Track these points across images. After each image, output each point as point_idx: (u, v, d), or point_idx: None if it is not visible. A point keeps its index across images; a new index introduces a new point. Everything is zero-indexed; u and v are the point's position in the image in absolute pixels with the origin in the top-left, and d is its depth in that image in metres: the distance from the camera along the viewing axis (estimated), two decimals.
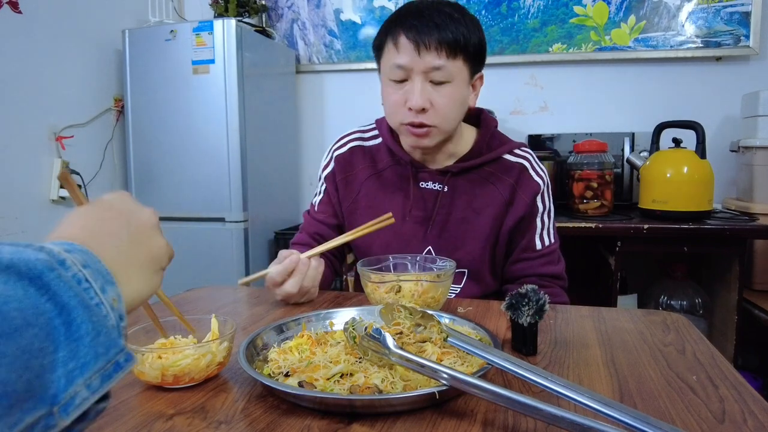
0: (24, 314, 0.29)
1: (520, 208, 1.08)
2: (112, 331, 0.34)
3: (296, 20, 2.79)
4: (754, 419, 0.53)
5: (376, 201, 1.13)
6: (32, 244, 0.33)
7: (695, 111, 2.32)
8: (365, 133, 1.19)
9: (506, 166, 1.11)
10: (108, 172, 2.51)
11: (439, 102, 0.99)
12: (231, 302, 1.00)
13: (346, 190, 1.15)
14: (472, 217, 1.09)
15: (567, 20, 2.47)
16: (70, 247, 0.36)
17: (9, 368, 0.27)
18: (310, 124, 2.87)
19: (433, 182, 1.10)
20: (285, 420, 0.53)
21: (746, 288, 1.92)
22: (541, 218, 1.10)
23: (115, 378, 0.34)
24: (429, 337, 0.64)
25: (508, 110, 2.58)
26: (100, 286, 0.35)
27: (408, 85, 0.99)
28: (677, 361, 0.68)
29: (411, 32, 0.96)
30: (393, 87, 1.01)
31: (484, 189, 1.09)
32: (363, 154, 1.17)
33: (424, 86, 0.98)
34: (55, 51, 2.22)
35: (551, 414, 0.47)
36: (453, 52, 0.97)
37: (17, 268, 0.31)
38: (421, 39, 0.95)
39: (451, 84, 0.99)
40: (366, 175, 1.14)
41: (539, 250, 1.10)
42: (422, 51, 0.96)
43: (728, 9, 2.31)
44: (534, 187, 1.09)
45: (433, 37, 0.95)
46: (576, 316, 0.87)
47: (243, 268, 2.33)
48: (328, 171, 1.18)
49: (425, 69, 0.97)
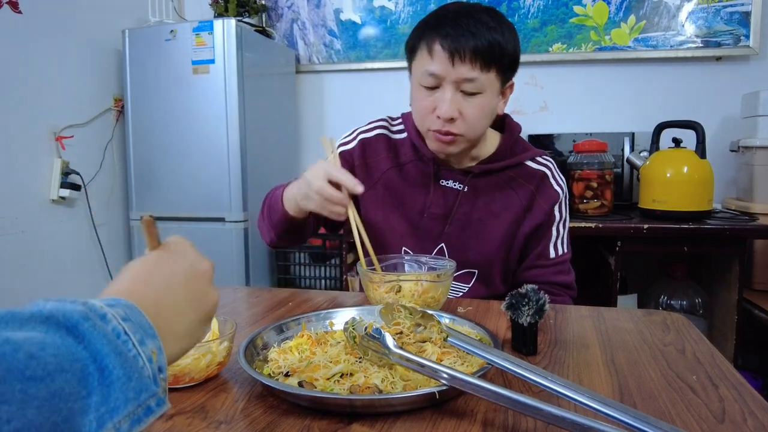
0: (59, 360, 0.31)
1: (538, 215, 1.08)
2: (146, 379, 0.35)
3: (296, 20, 2.79)
4: (753, 419, 0.53)
5: (396, 192, 1.12)
6: (77, 299, 0.35)
7: (695, 111, 2.32)
8: (393, 125, 1.19)
9: (528, 172, 1.11)
10: (108, 172, 2.51)
11: (468, 112, 0.98)
12: (231, 302, 1.00)
13: (364, 174, 1.13)
14: (490, 219, 1.08)
15: (567, 20, 2.47)
16: (114, 302, 0.37)
17: (38, 411, 0.28)
18: (310, 124, 2.87)
19: (454, 181, 1.10)
20: (285, 420, 0.53)
21: (746, 288, 1.92)
22: (557, 227, 1.11)
23: (146, 422, 0.35)
24: (429, 337, 0.64)
25: (508, 110, 2.56)
26: (139, 339, 0.36)
27: (438, 92, 0.98)
28: (677, 361, 0.68)
29: (446, 41, 0.94)
30: (423, 92, 1.00)
31: (504, 193, 1.09)
32: (388, 144, 1.16)
33: (455, 96, 0.97)
34: (55, 51, 2.22)
35: (551, 414, 0.47)
36: (487, 64, 0.95)
37: (56, 318, 0.33)
38: (456, 49, 0.93)
39: (482, 95, 0.98)
40: (388, 165, 1.13)
41: (553, 258, 1.10)
42: (456, 62, 0.94)
43: (728, 9, 2.31)
44: (553, 196, 1.10)
45: (468, 47, 0.93)
46: (576, 316, 0.87)
47: (243, 268, 2.33)
48: (347, 148, 1.16)
49: (457, 79, 0.95)
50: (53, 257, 2.24)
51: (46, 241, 2.20)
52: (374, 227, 1.12)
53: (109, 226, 2.52)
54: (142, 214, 0.60)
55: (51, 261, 2.23)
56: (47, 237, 2.21)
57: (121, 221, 2.59)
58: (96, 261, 2.45)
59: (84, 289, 2.40)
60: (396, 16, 2.61)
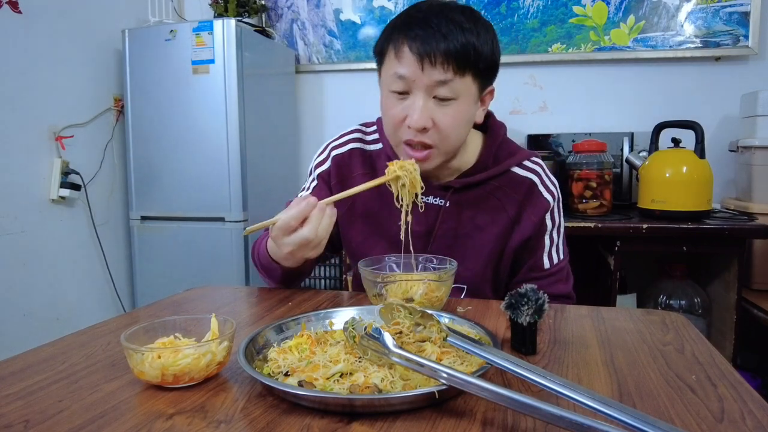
0: None
1: (527, 228, 1.02)
2: None
3: (296, 20, 2.79)
4: (752, 418, 0.53)
5: (374, 211, 1.06)
6: None
7: (694, 111, 2.33)
8: (367, 134, 1.12)
9: (514, 180, 1.04)
10: (108, 172, 2.51)
11: (442, 121, 0.91)
12: (231, 302, 1.00)
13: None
14: (475, 233, 1.03)
15: (566, 20, 2.47)
16: None
17: None
18: (310, 124, 2.87)
19: (434, 197, 1.03)
20: (285, 419, 0.53)
21: (745, 287, 1.93)
22: (549, 236, 1.04)
23: None
24: (428, 336, 0.65)
25: (507, 110, 2.58)
26: None
27: (409, 99, 0.91)
28: (676, 360, 0.68)
29: (415, 43, 0.87)
30: (393, 99, 0.93)
31: (489, 204, 1.03)
32: (362, 158, 1.10)
33: (427, 103, 0.90)
34: (55, 51, 2.22)
35: (550, 413, 0.47)
36: (461, 67, 0.88)
37: None
38: (426, 52, 0.86)
39: (457, 101, 0.90)
40: (364, 183, 1.01)
41: (547, 269, 1.04)
42: (426, 65, 0.87)
43: (727, 9, 2.32)
44: (543, 205, 1.03)
45: (439, 50, 0.86)
46: (575, 315, 0.87)
47: (243, 267, 2.33)
48: (323, 169, 1.12)
49: (429, 84, 0.88)
50: (53, 257, 2.24)
51: (46, 240, 2.20)
52: (354, 248, 1.08)
53: (109, 226, 2.52)
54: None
55: (51, 261, 2.23)
56: (47, 237, 2.21)
57: (121, 221, 2.59)
58: (96, 261, 2.45)
59: (84, 289, 2.40)
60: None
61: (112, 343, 0.75)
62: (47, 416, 0.54)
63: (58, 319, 2.25)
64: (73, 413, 0.55)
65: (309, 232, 0.85)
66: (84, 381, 0.63)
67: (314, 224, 0.85)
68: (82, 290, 2.39)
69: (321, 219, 0.86)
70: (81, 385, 0.61)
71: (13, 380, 0.63)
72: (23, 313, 2.11)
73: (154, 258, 2.43)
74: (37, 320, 2.16)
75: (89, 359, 0.69)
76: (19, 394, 0.59)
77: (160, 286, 2.41)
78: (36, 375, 0.64)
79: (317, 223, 0.85)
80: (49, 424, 0.53)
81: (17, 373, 0.65)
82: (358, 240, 1.08)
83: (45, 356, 0.70)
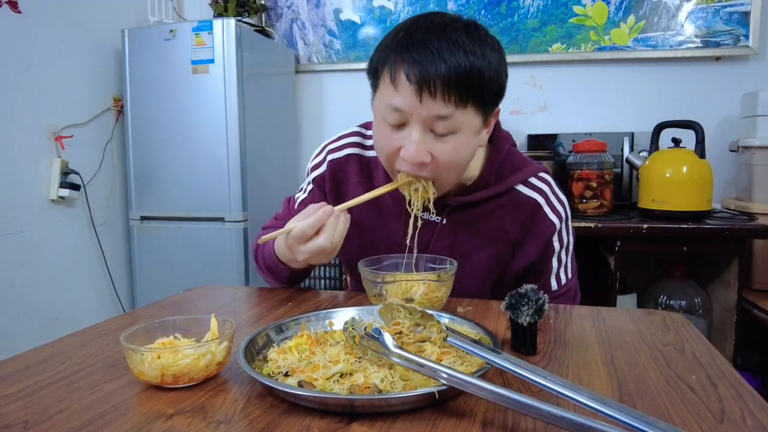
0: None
1: (531, 253, 0.97)
2: None
3: (296, 20, 2.79)
4: (753, 418, 0.53)
5: (368, 222, 1.02)
6: None
7: (694, 111, 2.32)
8: (366, 138, 1.06)
9: (518, 199, 0.97)
10: (108, 172, 2.51)
11: (441, 155, 0.83)
12: (230, 302, 1.00)
13: (335, 202, 0.98)
14: (473, 252, 0.97)
15: (566, 20, 2.47)
16: None
17: None
18: (310, 123, 2.87)
19: (431, 212, 0.97)
20: (285, 420, 0.53)
21: (745, 288, 1.93)
22: (558, 257, 0.99)
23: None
24: (428, 336, 0.64)
25: (507, 110, 2.58)
26: None
27: (405, 130, 0.83)
28: (676, 360, 0.68)
29: (413, 68, 0.78)
30: (387, 129, 0.85)
31: (489, 224, 0.97)
32: (359, 165, 1.04)
33: (424, 137, 0.82)
34: (55, 51, 2.22)
35: (550, 413, 0.47)
36: (462, 99, 0.79)
37: None
38: (425, 80, 0.77)
39: (457, 135, 0.82)
40: (359, 191, 0.98)
41: (555, 290, 0.99)
42: (425, 96, 0.78)
43: (727, 9, 2.31)
44: (548, 229, 0.96)
45: (439, 78, 0.77)
46: (575, 315, 0.87)
47: (242, 268, 2.33)
48: (318, 173, 1.08)
49: (427, 117, 0.80)
50: (53, 257, 2.24)
51: (45, 240, 2.20)
52: (347, 259, 1.07)
53: (109, 226, 2.52)
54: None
55: (50, 261, 2.23)
56: (47, 237, 2.21)
57: (121, 221, 2.59)
58: (96, 261, 2.45)
59: (83, 289, 2.40)
60: (396, 16, 2.61)
61: (112, 343, 0.75)
62: (47, 416, 0.54)
63: (58, 319, 2.25)
64: (73, 413, 0.55)
65: (325, 241, 0.84)
66: (83, 381, 0.62)
67: (330, 232, 0.85)
68: (82, 290, 2.39)
69: (336, 227, 0.85)
70: (80, 386, 0.61)
71: (12, 380, 0.63)
72: (23, 313, 2.11)
73: (153, 258, 2.43)
74: (36, 320, 2.15)
75: (89, 359, 0.69)
76: (18, 395, 0.59)
77: (159, 286, 2.41)
78: (35, 375, 0.64)
79: (333, 231, 0.85)
80: (48, 425, 0.53)
81: (17, 373, 0.65)
82: (352, 250, 1.04)
83: (44, 356, 0.70)
